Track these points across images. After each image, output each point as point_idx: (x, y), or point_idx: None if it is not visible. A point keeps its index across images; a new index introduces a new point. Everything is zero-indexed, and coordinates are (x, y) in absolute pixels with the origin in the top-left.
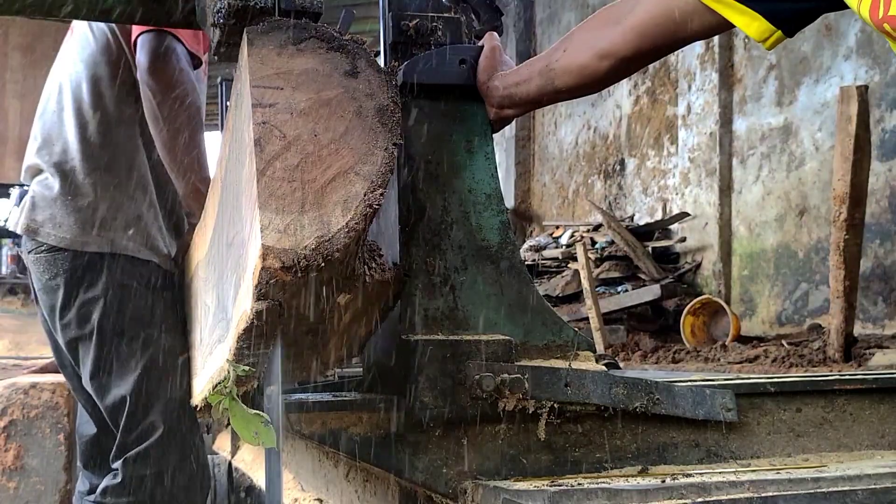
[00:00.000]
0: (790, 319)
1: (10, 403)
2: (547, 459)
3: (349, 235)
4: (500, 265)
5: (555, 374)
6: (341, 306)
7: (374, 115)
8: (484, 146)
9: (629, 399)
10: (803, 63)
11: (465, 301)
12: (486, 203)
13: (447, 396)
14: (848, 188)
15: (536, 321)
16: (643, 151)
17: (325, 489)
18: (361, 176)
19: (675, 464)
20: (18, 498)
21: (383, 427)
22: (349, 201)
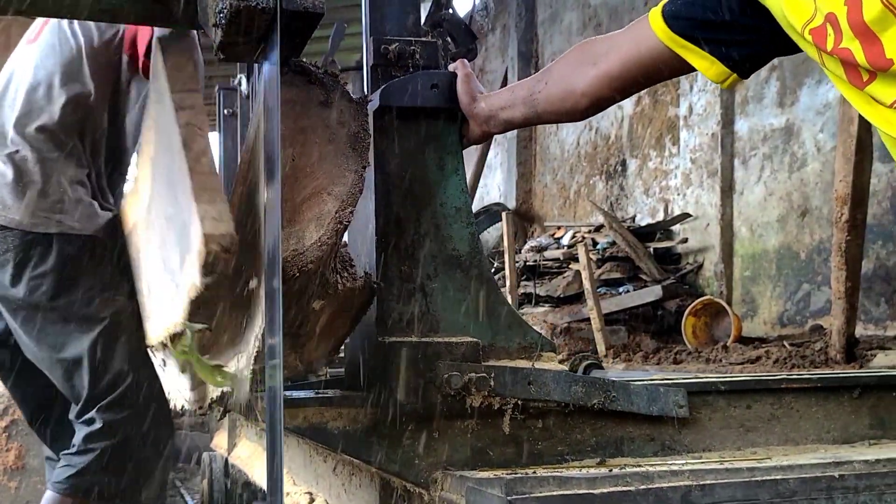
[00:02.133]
0: (792, 320)
1: (12, 403)
2: (512, 452)
3: (321, 249)
4: (469, 273)
5: (518, 373)
6: (316, 311)
7: (346, 141)
8: (455, 164)
9: (587, 396)
10: (805, 64)
11: (437, 306)
12: (456, 216)
13: (419, 393)
14: (850, 189)
15: (503, 324)
16: (645, 152)
17: (315, 483)
18: (333, 196)
19: (631, 456)
20: (19, 497)
21: (361, 422)
22: (321, 218)
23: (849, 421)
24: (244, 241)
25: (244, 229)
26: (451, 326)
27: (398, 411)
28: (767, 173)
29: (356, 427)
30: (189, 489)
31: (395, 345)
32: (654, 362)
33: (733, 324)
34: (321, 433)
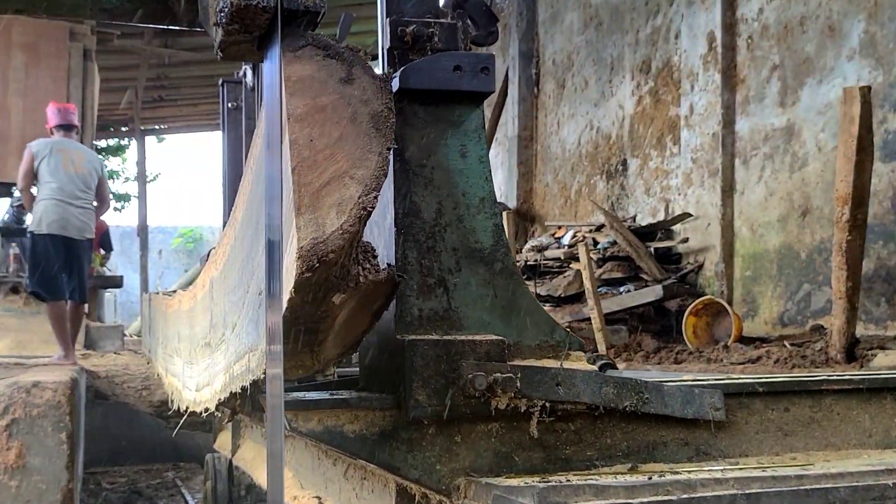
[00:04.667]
0: (792, 320)
1: (13, 402)
2: (538, 457)
3: (343, 237)
4: (493, 267)
5: (546, 373)
6: (336, 305)
7: (369, 120)
8: (478, 151)
9: (619, 398)
10: (806, 64)
11: (459, 302)
12: (480, 206)
13: (441, 395)
14: (850, 189)
15: (529, 322)
16: (646, 152)
17: (323, 487)
18: (356, 180)
19: (664, 462)
20: (20, 496)
21: (378, 425)
22: (343, 204)
23: (891, 425)
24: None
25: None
26: (474, 323)
27: (418, 414)
28: (768, 173)
29: (373, 431)
30: (190, 489)
31: (415, 343)
32: (655, 362)
33: (734, 323)
34: (336, 437)
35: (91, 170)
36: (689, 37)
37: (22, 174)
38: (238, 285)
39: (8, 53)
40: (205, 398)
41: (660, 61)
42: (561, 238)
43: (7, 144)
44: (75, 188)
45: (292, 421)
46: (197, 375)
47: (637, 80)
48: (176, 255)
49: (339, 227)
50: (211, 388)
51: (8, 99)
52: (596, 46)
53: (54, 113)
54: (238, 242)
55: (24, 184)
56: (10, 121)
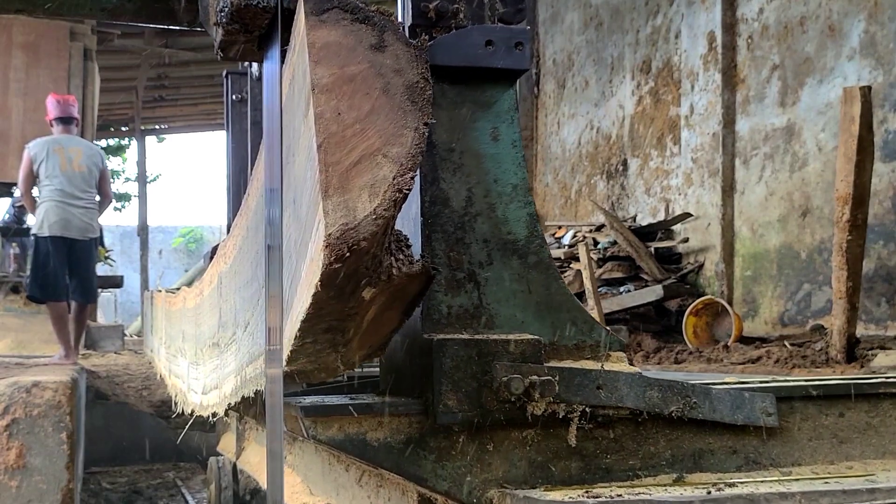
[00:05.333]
0: (793, 320)
1: (13, 402)
2: (577, 467)
3: (376, 223)
4: (527, 260)
5: (586, 376)
6: (366, 301)
7: (403, 92)
8: (511, 133)
9: (665, 403)
10: (807, 63)
11: (491, 298)
12: (513, 194)
13: (472, 399)
14: (851, 189)
15: (566, 320)
16: (646, 152)
17: (335, 494)
18: (390, 158)
19: (711, 471)
20: (21, 496)
21: (404, 432)
22: (377, 186)
23: None
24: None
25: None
26: (507, 321)
27: (447, 420)
28: (769, 173)
29: (399, 439)
30: (190, 489)
31: (444, 343)
32: (655, 362)
33: (734, 323)
34: (359, 446)
35: (91, 166)
36: (690, 37)
37: (22, 178)
38: (251, 279)
39: (8, 53)
40: (213, 402)
41: (660, 61)
42: (561, 238)
43: (7, 144)
44: (75, 188)
45: (310, 428)
46: (204, 377)
47: (637, 80)
48: (176, 255)
49: (372, 212)
50: (220, 391)
51: (8, 99)
52: (596, 46)
53: (54, 105)
54: (251, 233)
55: (25, 187)
56: (10, 121)
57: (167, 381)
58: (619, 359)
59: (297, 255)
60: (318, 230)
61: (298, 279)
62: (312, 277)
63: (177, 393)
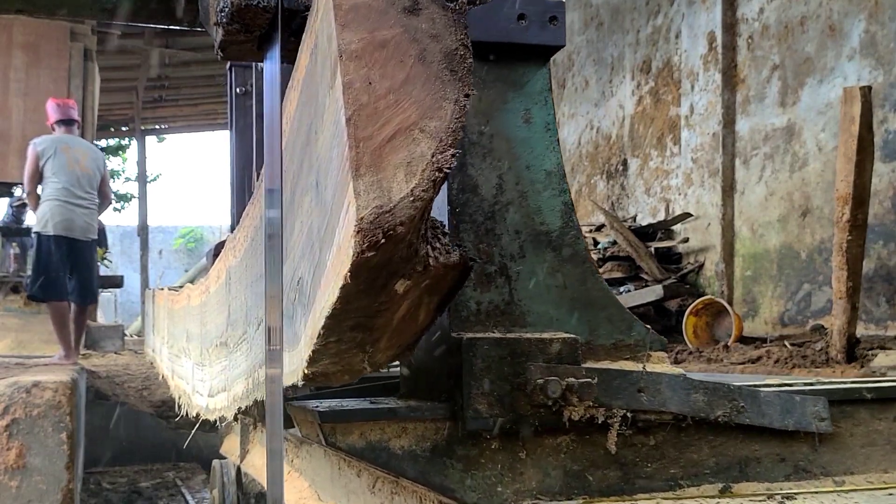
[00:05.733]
0: (793, 320)
1: (13, 402)
2: (615, 476)
3: (414, 206)
4: (561, 252)
5: (627, 378)
6: (398, 295)
7: (441, 60)
8: (544, 115)
9: (710, 407)
10: (807, 63)
11: (523, 293)
12: (546, 181)
13: (504, 404)
14: (851, 189)
15: (603, 317)
16: (646, 152)
17: (345, 500)
18: (427, 133)
19: (758, 480)
20: (21, 496)
21: (430, 439)
22: (414, 164)
23: None
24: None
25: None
26: (540, 319)
27: (477, 426)
28: (769, 173)
29: (424, 446)
30: (190, 489)
31: (474, 342)
32: None
33: (734, 323)
34: (381, 454)
35: (95, 168)
36: (690, 37)
37: (28, 176)
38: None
39: (9, 53)
40: (220, 405)
41: (660, 61)
42: None
43: (8, 144)
44: (80, 188)
45: (329, 435)
46: (210, 379)
47: (637, 80)
48: (176, 255)
49: (409, 193)
50: (229, 393)
51: (9, 99)
52: (596, 46)
53: (54, 108)
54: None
55: (31, 187)
56: (10, 121)
57: (170, 383)
58: (661, 359)
59: (322, 243)
60: (348, 214)
61: (323, 270)
62: (340, 268)
63: (180, 395)
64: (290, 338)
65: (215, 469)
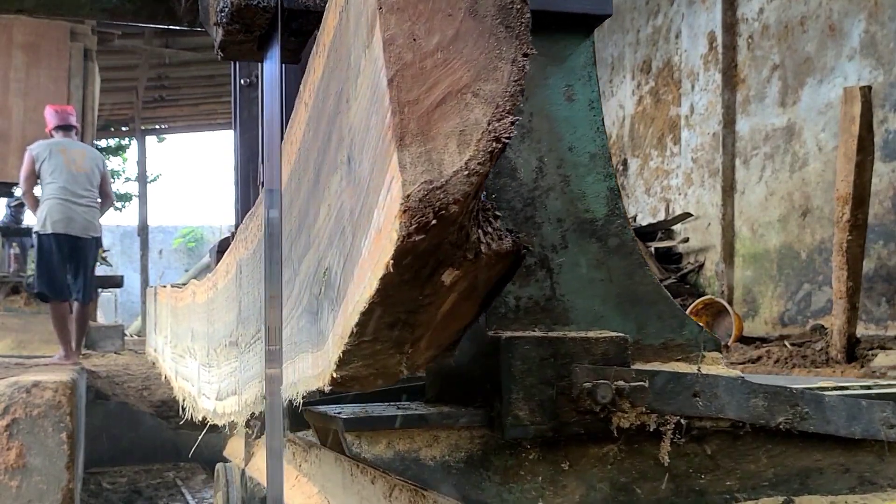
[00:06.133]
0: (793, 320)
1: (13, 402)
2: (667, 489)
3: (469, 181)
4: (607, 243)
5: (681, 381)
6: (445, 287)
7: (495, 14)
8: (587, 93)
9: (771, 413)
10: (807, 63)
11: (566, 288)
12: (591, 165)
13: (547, 410)
14: (851, 189)
15: (651, 313)
16: (646, 152)
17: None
18: (482, 98)
19: (820, 493)
20: (20, 497)
21: (464, 449)
22: (467, 133)
23: None
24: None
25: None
26: (584, 316)
27: (517, 434)
28: (769, 173)
29: (458, 457)
30: (190, 489)
31: (514, 342)
32: None
33: (734, 323)
34: (411, 465)
35: (93, 167)
36: (690, 36)
37: (23, 178)
38: (284, 264)
39: (8, 53)
40: (230, 409)
41: (660, 61)
42: None
43: (8, 144)
44: (78, 187)
45: (353, 444)
46: (218, 381)
47: (637, 80)
48: (176, 255)
49: (464, 166)
50: (240, 397)
51: (9, 99)
52: (596, 46)
53: (52, 115)
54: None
55: (27, 187)
56: (10, 121)
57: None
58: (715, 360)
59: (355, 227)
60: (390, 192)
61: (356, 259)
62: (380, 255)
63: (185, 397)
64: (314, 337)
65: (219, 473)
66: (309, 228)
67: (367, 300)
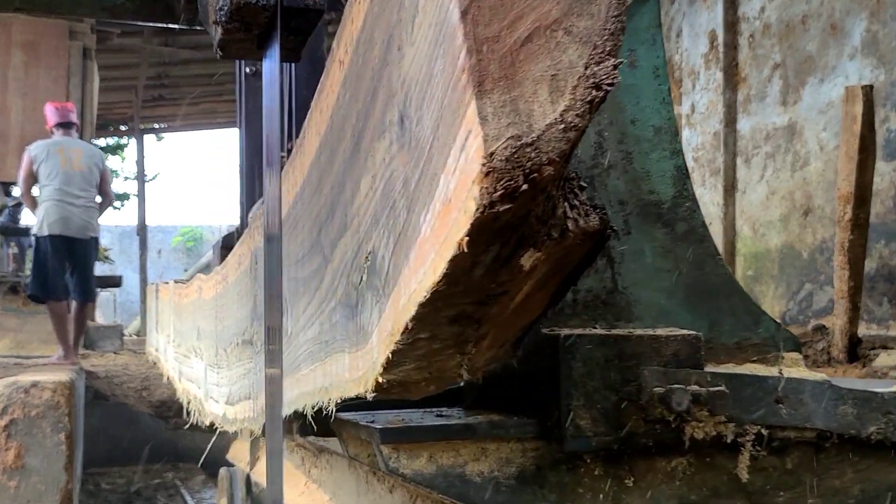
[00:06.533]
0: (794, 320)
1: (11, 402)
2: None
3: (566, 137)
4: (675, 228)
5: (762, 385)
6: (524, 272)
7: None
8: (652, 58)
9: (861, 422)
10: (808, 62)
11: (629, 279)
12: (656, 140)
13: (611, 418)
14: (853, 188)
15: (724, 309)
16: None
17: None
18: (575, 36)
19: None
20: (19, 497)
21: (515, 463)
22: (560, 77)
23: None
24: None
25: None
26: (649, 310)
27: (578, 447)
28: (770, 172)
29: (509, 472)
30: (189, 489)
31: (572, 340)
32: None
33: None
34: (455, 482)
35: (91, 166)
36: (691, 35)
37: (21, 179)
38: (310, 252)
39: (8, 52)
40: (243, 415)
41: None
42: None
43: (7, 143)
44: (74, 187)
45: (390, 459)
46: (229, 384)
47: None
48: (175, 255)
49: (559, 119)
50: (255, 402)
51: (7, 98)
52: None
53: (52, 112)
54: (309, 188)
55: (25, 188)
56: (9, 120)
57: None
58: (795, 361)
59: (412, 200)
60: (466, 151)
61: (413, 238)
62: (449, 231)
63: (190, 400)
64: (353, 334)
65: (223, 477)
66: (345, 207)
67: (429, 288)
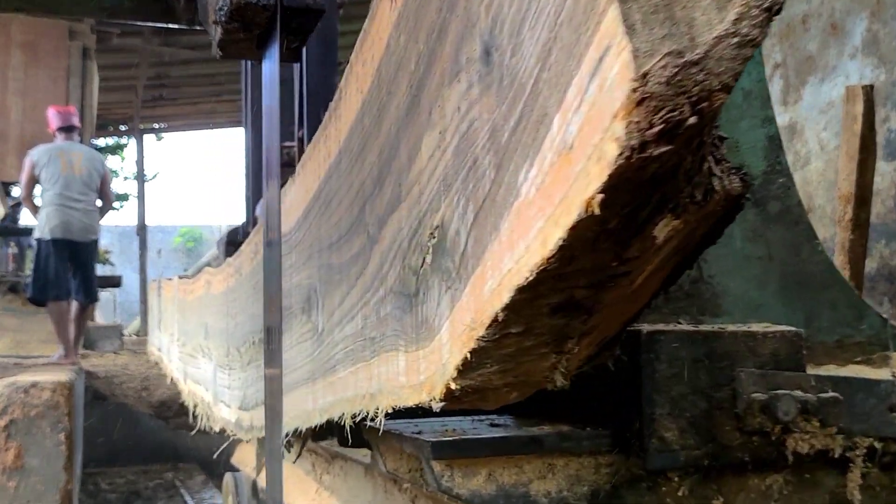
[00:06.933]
0: None
1: (11, 403)
2: None
3: (742, 55)
4: (766, 208)
5: (873, 390)
6: (655, 245)
7: None
8: None
9: None
10: (808, 62)
11: (715, 268)
12: (745, 106)
13: (701, 429)
14: (853, 188)
15: (823, 301)
16: None
17: None
18: None
19: None
20: (18, 497)
21: (587, 481)
22: None
23: None
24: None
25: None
26: (738, 303)
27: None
28: None
29: (580, 492)
30: (189, 489)
31: (656, 337)
32: None
33: None
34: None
35: (91, 169)
36: None
37: (23, 182)
38: (351, 232)
39: (7, 52)
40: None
41: None
42: None
43: (6, 143)
44: (75, 191)
45: (442, 476)
46: (242, 386)
47: None
48: (175, 255)
49: (728, 31)
50: None
51: (7, 98)
52: None
53: (55, 116)
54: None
55: (26, 192)
56: (9, 120)
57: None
58: None
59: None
60: (600, 75)
61: (505, 205)
62: (572, 188)
63: (196, 403)
64: (410, 329)
65: (229, 483)
66: (399, 175)
67: (534, 267)
